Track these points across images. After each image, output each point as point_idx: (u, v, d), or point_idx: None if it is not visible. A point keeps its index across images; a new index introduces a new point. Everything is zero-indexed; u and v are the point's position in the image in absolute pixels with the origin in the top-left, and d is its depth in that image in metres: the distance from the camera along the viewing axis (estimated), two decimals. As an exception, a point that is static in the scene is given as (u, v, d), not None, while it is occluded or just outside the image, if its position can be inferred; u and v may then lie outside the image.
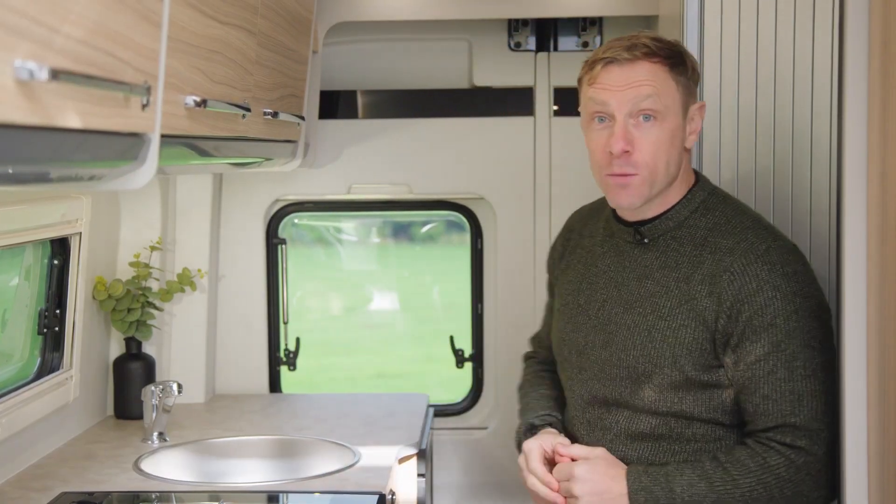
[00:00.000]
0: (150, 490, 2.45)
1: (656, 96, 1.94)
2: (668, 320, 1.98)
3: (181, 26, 1.63)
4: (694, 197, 2.05)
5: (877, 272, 2.35)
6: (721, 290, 1.94)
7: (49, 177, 1.24)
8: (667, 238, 2.03)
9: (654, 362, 1.98)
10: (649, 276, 2.02)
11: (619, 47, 1.96)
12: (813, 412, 1.93)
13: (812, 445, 1.92)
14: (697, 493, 1.91)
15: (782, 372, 1.92)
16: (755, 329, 1.92)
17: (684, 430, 1.99)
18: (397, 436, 2.85)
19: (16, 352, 2.67)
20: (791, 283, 1.96)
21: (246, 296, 3.45)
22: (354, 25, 3.35)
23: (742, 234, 2.00)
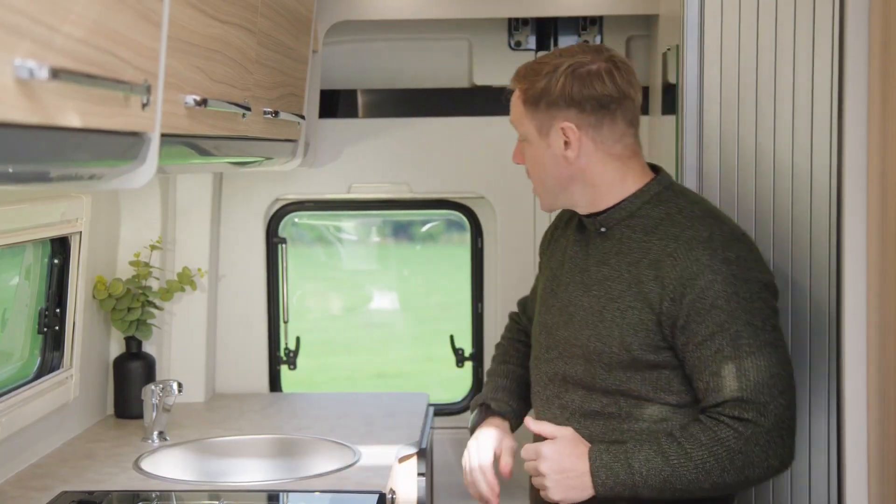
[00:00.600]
0: (151, 489, 2.45)
1: (518, 123, 2.19)
2: (617, 302, 2.10)
3: (181, 25, 1.63)
4: (648, 189, 2.16)
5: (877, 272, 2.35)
6: (664, 274, 2.06)
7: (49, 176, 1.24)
8: (621, 227, 2.16)
9: (603, 341, 2.10)
10: (606, 262, 2.15)
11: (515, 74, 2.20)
12: (759, 386, 2.02)
13: (759, 417, 2.01)
14: (654, 467, 2.02)
15: (728, 350, 2.02)
16: (699, 311, 2.03)
17: (633, 409, 2.10)
18: (397, 435, 2.85)
19: (16, 351, 2.67)
20: (731, 267, 2.05)
21: (246, 295, 3.45)
22: (354, 24, 3.35)
23: (689, 223, 2.11)
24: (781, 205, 2.43)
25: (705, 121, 2.43)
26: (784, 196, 2.43)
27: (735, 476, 2.03)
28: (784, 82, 2.41)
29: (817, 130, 2.41)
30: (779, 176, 2.43)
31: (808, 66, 2.40)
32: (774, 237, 2.44)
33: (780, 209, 2.43)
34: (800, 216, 2.43)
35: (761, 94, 2.42)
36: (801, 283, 2.44)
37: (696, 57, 2.43)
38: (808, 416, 2.45)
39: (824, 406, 2.44)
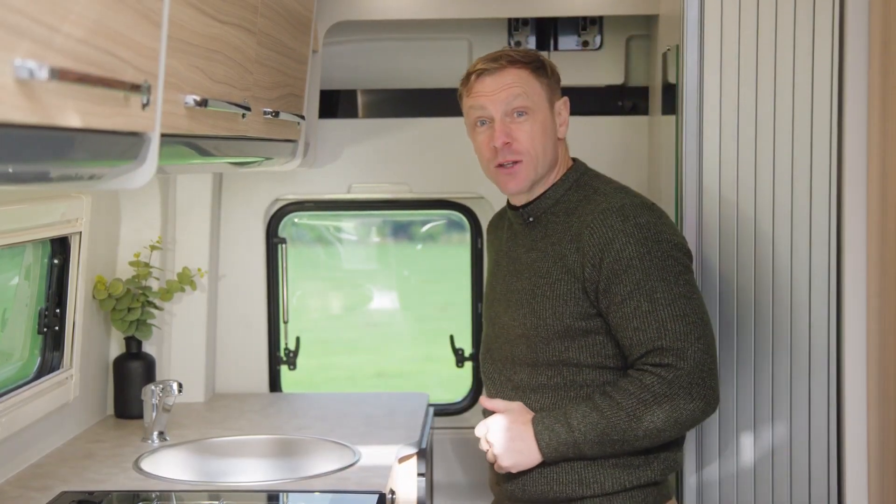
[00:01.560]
0: (150, 489, 2.45)
1: (524, 95, 2.25)
2: (546, 278, 2.25)
3: (181, 25, 1.63)
4: (568, 178, 2.32)
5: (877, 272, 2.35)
6: (583, 243, 2.20)
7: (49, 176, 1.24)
8: (547, 215, 2.31)
9: (538, 316, 2.24)
10: (534, 248, 2.30)
11: (487, 59, 2.29)
12: (676, 334, 2.15)
13: (678, 361, 2.14)
14: (591, 421, 2.16)
15: (645, 305, 2.16)
16: (616, 273, 2.17)
17: (575, 377, 2.23)
18: (397, 435, 2.85)
19: (16, 351, 2.67)
20: (642, 231, 2.19)
21: (246, 295, 3.45)
22: (354, 25, 3.35)
23: (603, 198, 2.26)
24: (781, 204, 2.43)
25: (705, 121, 2.43)
26: (784, 195, 2.43)
27: (664, 420, 2.14)
28: (784, 82, 2.41)
29: (817, 130, 2.41)
30: (779, 175, 2.43)
31: (808, 65, 2.40)
32: (774, 236, 2.44)
33: (781, 208, 2.43)
34: (800, 215, 2.43)
35: (761, 94, 2.42)
36: (802, 283, 2.44)
37: (696, 57, 2.43)
38: (809, 415, 2.45)
39: (824, 406, 2.44)
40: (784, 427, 2.46)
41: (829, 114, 2.40)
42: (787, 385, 2.45)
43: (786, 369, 2.44)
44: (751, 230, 2.43)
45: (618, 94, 3.41)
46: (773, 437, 2.46)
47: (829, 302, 2.43)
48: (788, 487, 2.45)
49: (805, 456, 2.45)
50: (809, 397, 2.45)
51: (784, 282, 2.43)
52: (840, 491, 2.45)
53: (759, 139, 2.42)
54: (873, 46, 2.34)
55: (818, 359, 2.44)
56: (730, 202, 2.44)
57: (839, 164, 2.42)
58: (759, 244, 2.43)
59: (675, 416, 2.14)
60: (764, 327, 2.46)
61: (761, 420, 2.47)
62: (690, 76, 2.43)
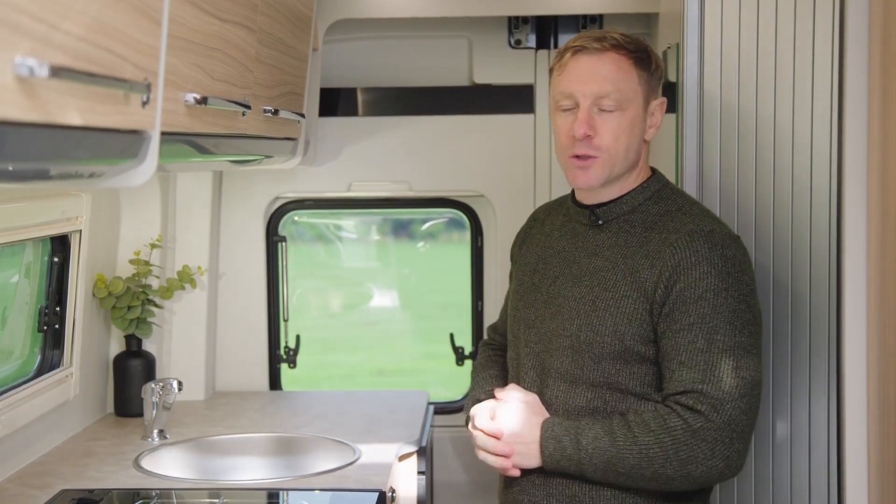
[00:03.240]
0: (151, 487, 2.46)
1: (617, 91, 2.07)
2: (612, 291, 2.08)
3: (181, 23, 1.63)
4: (650, 186, 2.17)
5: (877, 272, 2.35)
6: (662, 262, 2.05)
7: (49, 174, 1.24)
8: (620, 221, 2.14)
9: (595, 330, 2.08)
10: (599, 254, 2.13)
11: (589, 37, 2.10)
12: (720, 384, 2.00)
13: (711, 412, 1.99)
14: (600, 446, 2.02)
15: (701, 343, 2.01)
16: (685, 300, 2.02)
17: (618, 403, 2.07)
18: (397, 433, 2.85)
19: (16, 349, 2.67)
20: (727, 264, 2.05)
21: (246, 293, 3.45)
22: (355, 23, 3.35)
23: (689, 218, 2.11)
24: (781, 203, 2.43)
25: (705, 119, 2.43)
26: (784, 194, 2.43)
27: (677, 469, 2.00)
28: (784, 80, 2.41)
29: (817, 129, 2.41)
30: (779, 174, 2.43)
31: (809, 64, 2.40)
32: (774, 236, 2.44)
33: (780, 207, 2.43)
34: (800, 214, 2.43)
35: (761, 92, 2.41)
36: (802, 283, 2.44)
37: (696, 55, 2.43)
38: (809, 415, 2.45)
39: (824, 405, 2.44)
40: (784, 425, 2.46)
41: (830, 112, 2.40)
42: (787, 384, 2.45)
43: (786, 368, 2.44)
44: (751, 228, 2.43)
45: (618, 93, 3.41)
46: (773, 436, 2.46)
47: (829, 300, 2.43)
48: (788, 486, 2.45)
49: (805, 454, 2.45)
50: (809, 396, 2.45)
51: (784, 280, 2.43)
52: (840, 489, 2.45)
53: (760, 137, 2.42)
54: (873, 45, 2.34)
55: (818, 358, 2.44)
56: (730, 200, 2.44)
57: (839, 163, 2.42)
58: (759, 243, 2.43)
59: (689, 468, 1.99)
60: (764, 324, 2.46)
61: (761, 419, 2.47)
62: (691, 74, 2.43)
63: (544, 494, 2.11)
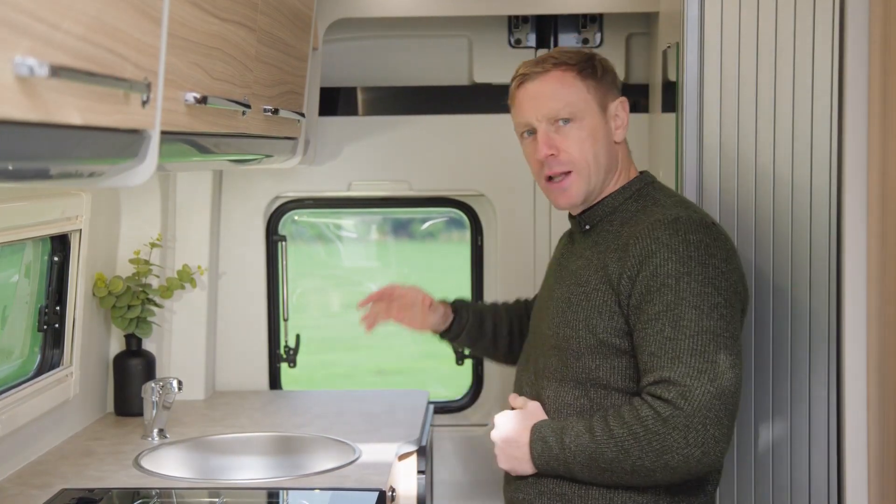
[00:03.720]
0: (151, 487, 2.45)
1: (566, 104, 2.12)
2: (584, 286, 2.12)
3: (181, 23, 1.63)
4: (630, 186, 2.19)
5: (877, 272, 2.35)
6: (627, 253, 2.06)
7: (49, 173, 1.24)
8: (603, 223, 2.18)
9: (571, 327, 2.11)
10: (581, 255, 2.19)
11: (530, 64, 2.18)
12: (689, 369, 1.96)
13: (679, 399, 1.95)
14: (582, 443, 2.03)
15: (669, 331, 1.99)
16: (650, 289, 2.01)
17: (603, 400, 2.09)
18: (397, 433, 2.85)
19: (16, 349, 2.67)
20: (689, 248, 2.02)
21: (246, 293, 3.45)
22: (354, 22, 3.35)
23: (659, 211, 2.10)
24: (781, 203, 2.43)
25: (705, 118, 2.43)
26: (784, 194, 2.43)
27: (654, 460, 1.97)
28: (784, 80, 2.41)
29: (817, 128, 2.41)
30: (779, 174, 2.43)
31: (809, 63, 2.40)
32: (774, 235, 2.44)
33: (780, 207, 2.43)
34: (800, 214, 2.43)
35: (761, 92, 2.41)
36: (801, 283, 2.44)
37: (696, 54, 2.43)
38: (809, 412, 2.45)
39: (824, 402, 2.44)
40: (784, 424, 2.46)
41: (830, 111, 2.40)
42: (787, 382, 2.45)
43: (786, 367, 2.44)
44: (751, 227, 2.43)
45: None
46: (773, 434, 2.46)
47: (829, 301, 2.43)
48: (788, 484, 2.45)
49: (805, 452, 2.45)
50: (809, 394, 2.45)
51: (784, 280, 2.43)
52: (840, 487, 2.45)
53: (760, 137, 2.42)
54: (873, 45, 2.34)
55: (818, 357, 2.43)
56: (730, 200, 2.44)
57: (839, 162, 2.42)
58: (759, 243, 2.43)
59: (666, 458, 1.96)
60: (764, 325, 2.46)
61: (761, 417, 2.47)
62: (690, 74, 2.43)
63: (536, 493, 2.14)
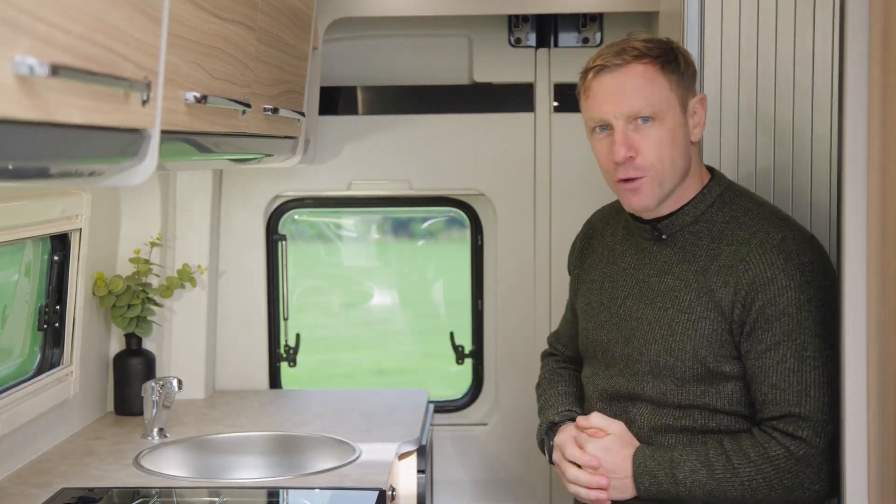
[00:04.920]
0: (151, 486, 2.45)
1: (649, 102, 1.96)
2: (687, 313, 1.99)
3: (181, 22, 1.63)
4: (710, 192, 2.06)
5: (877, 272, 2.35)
6: (737, 279, 1.95)
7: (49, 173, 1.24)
8: (685, 233, 2.04)
9: (675, 355, 1.99)
10: (668, 272, 2.04)
11: (609, 53, 1.98)
12: (818, 403, 1.93)
13: (814, 437, 1.92)
14: (699, 479, 1.94)
15: (791, 362, 1.93)
16: (767, 318, 1.93)
17: (708, 421, 1.99)
18: (397, 432, 2.85)
19: (16, 348, 2.67)
20: (805, 273, 1.96)
21: (246, 292, 3.45)
22: (354, 21, 3.35)
23: (759, 225, 2.01)
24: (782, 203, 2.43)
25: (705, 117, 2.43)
26: (785, 194, 2.43)
27: (783, 495, 1.94)
28: (784, 79, 2.41)
29: (817, 127, 2.41)
30: (779, 174, 2.43)
31: (809, 63, 2.40)
32: (774, 234, 2.44)
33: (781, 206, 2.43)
34: (800, 214, 2.43)
35: (762, 91, 2.41)
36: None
37: (696, 54, 2.43)
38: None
39: (824, 403, 2.44)
40: (784, 424, 2.45)
41: (830, 111, 2.40)
42: (787, 382, 2.45)
43: (786, 366, 2.44)
44: (751, 227, 2.43)
45: (618, 91, 3.40)
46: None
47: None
48: (788, 485, 2.45)
49: (805, 453, 2.45)
50: (809, 394, 2.45)
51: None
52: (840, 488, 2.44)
53: (760, 136, 2.42)
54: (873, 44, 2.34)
55: (818, 356, 2.43)
56: (730, 199, 2.44)
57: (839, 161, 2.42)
58: (759, 241, 2.43)
59: (796, 493, 1.93)
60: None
61: (761, 417, 2.47)
62: (691, 73, 2.43)
63: None
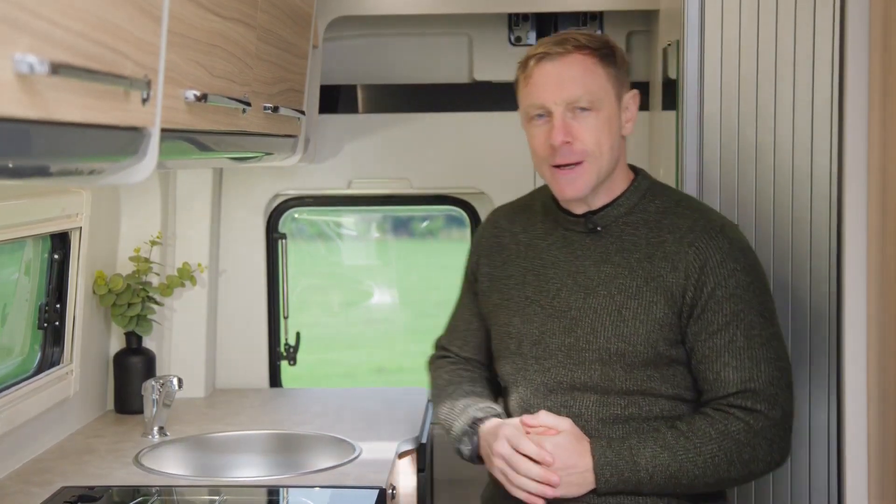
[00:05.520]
0: (151, 484, 2.45)
1: (588, 91, 2.00)
2: (637, 299, 2.03)
3: (181, 20, 1.63)
4: (640, 185, 2.12)
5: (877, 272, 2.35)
6: (687, 264, 2.02)
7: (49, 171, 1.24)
8: (619, 224, 2.09)
9: (626, 340, 2.02)
10: (607, 261, 2.07)
11: (551, 42, 2.04)
12: (769, 377, 2.00)
13: (770, 409, 2.00)
14: (661, 463, 1.97)
15: (741, 340, 2.00)
16: (718, 300, 2.00)
17: (651, 407, 2.04)
18: (397, 430, 2.85)
19: (16, 346, 2.67)
20: (747, 257, 2.06)
21: (246, 291, 3.45)
22: (354, 20, 3.35)
23: (696, 214, 2.08)
24: (781, 201, 2.43)
25: (705, 116, 2.43)
26: (784, 192, 2.43)
27: (740, 470, 2.00)
28: (785, 78, 2.41)
29: (818, 126, 2.41)
30: (779, 172, 2.43)
31: (809, 61, 2.40)
32: (774, 234, 2.44)
33: (781, 205, 2.43)
34: (800, 212, 2.43)
35: (762, 90, 2.41)
36: (802, 283, 2.44)
37: (696, 52, 2.42)
38: (809, 411, 2.45)
39: (824, 402, 2.44)
40: (784, 423, 2.46)
41: (830, 110, 2.40)
42: (787, 381, 2.45)
43: (786, 365, 2.44)
44: (751, 225, 2.43)
45: (618, 90, 3.40)
46: (773, 433, 2.46)
47: (829, 300, 2.43)
48: (788, 485, 2.45)
49: (805, 453, 2.45)
50: (809, 396, 2.45)
51: (784, 280, 2.43)
52: (840, 487, 2.45)
53: (760, 135, 2.42)
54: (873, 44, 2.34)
55: (818, 358, 2.43)
56: (730, 198, 2.44)
57: (839, 160, 2.42)
58: (759, 239, 2.43)
59: (752, 467, 2.00)
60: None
61: (761, 416, 2.47)
62: (691, 72, 2.43)
63: None
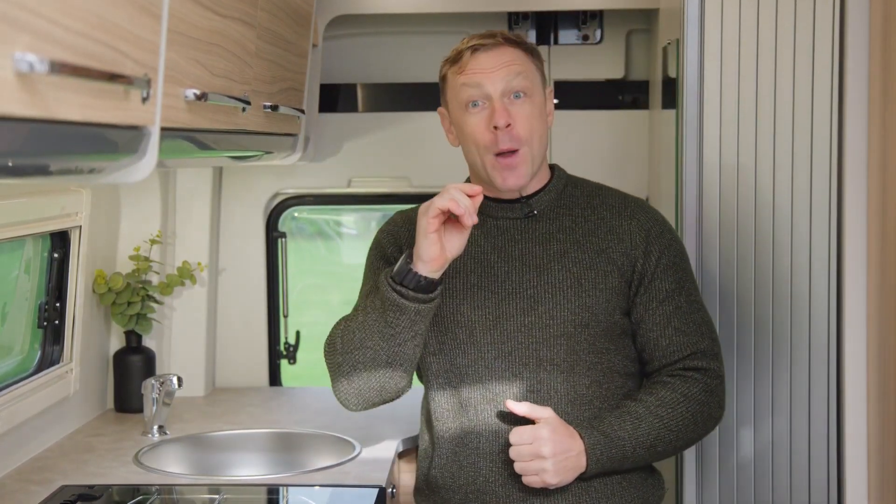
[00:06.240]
0: (151, 483, 2.45)
1: (524, 74, 2.08)
2: (594, 270, 2.11)
3: (181, 19, 1.63)
4: (561, 174, 2.23)
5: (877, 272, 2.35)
6: (632, 235, 2.13)
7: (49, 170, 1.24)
8: (552, 207, 2.17)
9: (591, 311, 2.09)
10: (551, 239, 2.14)
11: (480, 36, 2.12)
12: (711, 337, 2.14)
13: (719, 367, 2.12)
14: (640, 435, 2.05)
15: (686, 306, 2.12)
16: (665, 267, 2.12)
17: (610, 384, 2.11)
18: (397, 429, 2.85)
19: (16, 345, 2.67)
20: (672, 228, 2.21)
21: (246, 289, 3.45)
22: (354, 18, 3.35)
23: (620, 194, 2.22)
24: (782, 200, 2.43)
25: (705, 115, 2.43)
26: (785, 191, 2.43)
27: (701, 429, 2.12)
28: (784, 77, 2.41)
29: (818, 124, 2.41)
30: (779, 169, 2.43)
31: (809, 60, 2.40)
32: (774, 233, 2.44)
33: (781, 205, 2.43)
34: (800, 212, 2.43)
35: (761, 89, 2.41)
36: (802, 283, 2.44)
37: (696, 51, 2.43)
38: (809, 410, 2.45)
39: (824, 401, 2.44)
40: (784, 422, 2.46)
41: (830, 109, 2.40)
42: (787, 380, 2.45)
43: (786, 365, 2.44)
44: (751, 224, 2.43)
45: (618, 89, 3.41)
46: (773, 432, 2.46)
47: (829, 300, 2.43)
48: (788, 482, 2.45)
49: (805, 450, 2.45)
50: (809, 392, 2.45)
51: (784, 276, 2.43)
52: (840, 485, 2.45)
53: (760, 133, 2.42)
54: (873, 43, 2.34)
55: (818, 355, 2.44)
56: (730, 196, 2.44)
57: (839, 159, 2.42)
58: (759, 238, 2.43)
59: (708, 425, 2.13)
60: (764, 322, 2.46)
61: (761, 415, 2.47)
62: (691, 70, 2.43)
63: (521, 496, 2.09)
